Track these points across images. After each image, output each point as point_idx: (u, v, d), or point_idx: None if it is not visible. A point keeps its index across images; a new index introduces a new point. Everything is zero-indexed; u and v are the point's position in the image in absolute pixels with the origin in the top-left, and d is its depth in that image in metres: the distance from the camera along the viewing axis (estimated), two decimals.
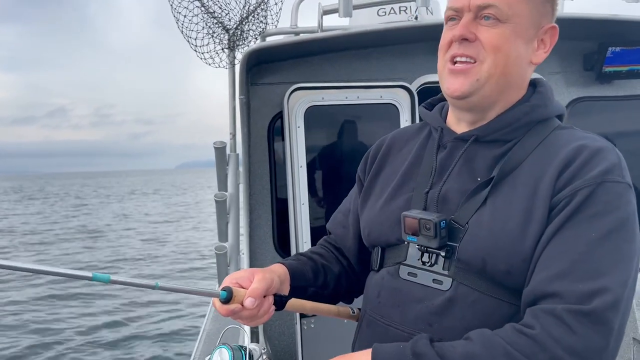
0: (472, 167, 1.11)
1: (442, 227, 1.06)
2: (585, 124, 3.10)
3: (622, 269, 0.93)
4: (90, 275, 1.02)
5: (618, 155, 1.04)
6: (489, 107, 1.13)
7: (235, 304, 1.11)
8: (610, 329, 0.89)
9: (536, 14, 1.11)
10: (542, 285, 0.94)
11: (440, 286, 1.08)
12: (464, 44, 1.09)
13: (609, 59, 2.89)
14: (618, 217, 0.96)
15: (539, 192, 1.01)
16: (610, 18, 2.66)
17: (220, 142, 2.91)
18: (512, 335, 0.91)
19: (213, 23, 2.78)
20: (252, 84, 2.93)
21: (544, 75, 3.00)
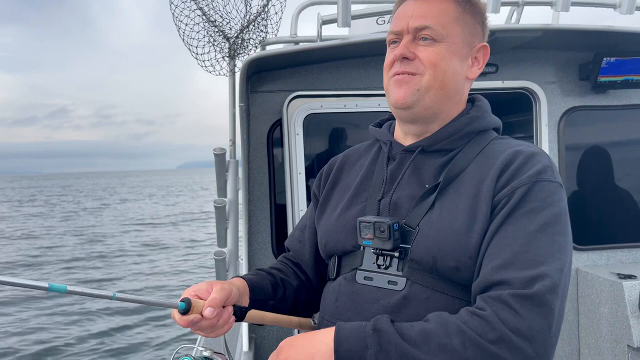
0: (419, 175, 1.21)
1: (395, 229, 1.15)
2: (581, 133, 3.15)
3: (558, 258, 1.03)
4: (46, 286, 1.01)
5: (549, 159, 1.16)
6: (431, 118, 1.23)
7: (194, 314, 1.14)
8: (551, 310, 0.98)
9: (468, 34, 1.23)
10: (490, 275, 1.03)
11: (395, 287, 1.15)
12: (404, 62, 1.20)
13: (604, 69, 2.93)
14: (552, 212, 1.07)
15: (482, 194, 1.11)
16: (605, 29, 2.71)
17: (220, 149, 2.94)
18: (466, 316, 1.00)
19: (214, 32, 2.81)
20: (252, 92, 2.97)
21: (541, 84, 3.05)
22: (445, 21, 1.19)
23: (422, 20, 1.19)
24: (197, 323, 1.15)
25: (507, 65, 3.04)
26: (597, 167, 3.19)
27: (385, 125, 1.37)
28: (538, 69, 3.08)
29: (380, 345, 0.99)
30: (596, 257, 3.09)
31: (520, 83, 3.06)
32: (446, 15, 1.20)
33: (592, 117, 3.15)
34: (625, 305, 2.69)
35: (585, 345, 3.01)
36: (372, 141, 1.41)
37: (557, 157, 3.06)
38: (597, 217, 3.18)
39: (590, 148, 3.18)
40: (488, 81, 3.05)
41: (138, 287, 12.03)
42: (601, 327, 2.87)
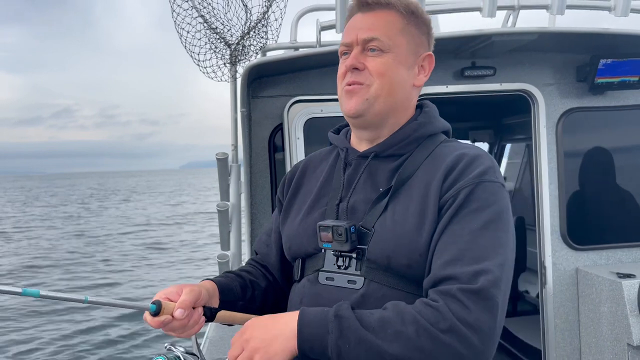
0: (374, 179, 1.29)
1: (352, 231, 1.22)
2: (579, 134, 3.18)
3: (500, 253, 1.11)
4: (20, 291, 1.04)
5: (492, 160, 1.23)
6: (381, 124, 1.31)
7: (165, 315, 1.19)
8: (495, 303, 1.06)
9: (413, 45, 1.31)
10: (439, 271, 1.11)
11: (354, 285, 1.22)
12: (355, 72, 1.28)
13: (600, 71, 2.96)
14: (494, 210, 1.14)
15: (430, 195, 1.19)
16: (600, 32, 2.74)
17: (223, 154, 2.99)
18: (421, 306, 1.07)
19: (215, 39, 2.87)
20: (253, 97, 3.01)
21: (539, 86, 3.08)
22: (391, 33, 1.27)
23: (369, 33, 1.26)
24: (168, 324, 1.20)
25: (504, 68, 3.08)
26: (596, 167, 3.22)
27: (342, 132, 1.45)
28: (535, 71, 3.11)
29: (340, 331, 1.05)
30: (596, 257, 3.12)
31: (518, 85, 3.10)
32: (392, 27, 1.27)
33: (590, 118, 3.18)
34: (624, 304, 2.71)
35: (586, 344, 3.03)
36: (332, 147, 1.49)
37: (556, 158, 3.08)
38: (596, 217, 3.21)
39: (589, 149, 3.21)
40: (486, 84, 3.08)
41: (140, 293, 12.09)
42: (601, 326, 2.89)
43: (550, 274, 3.06)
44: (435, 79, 3.07)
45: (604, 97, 3.11)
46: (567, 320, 3.07)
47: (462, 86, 3.08)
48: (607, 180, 3.24)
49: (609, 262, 3.12)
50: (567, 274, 3.07)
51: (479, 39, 2.81)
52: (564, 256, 3.08)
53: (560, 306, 3.07)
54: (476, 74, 3.05)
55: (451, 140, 1.35)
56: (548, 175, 3.06)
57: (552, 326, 3.07)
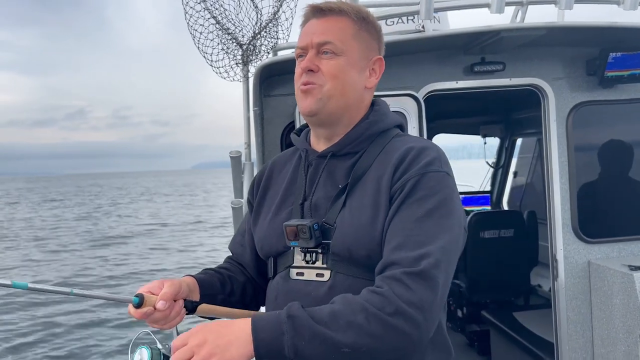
0: (333, 177, 1.38)
1: (315, 229, 1.30)
2: (589, 128, 3.19)
3: (441, 238, 1.19)
4: (9, 283, 1.12)
5: (438, 151, 1.31)
6: (335, 123, 1.39)
7: (148, 307, 1.26)
8: (436, 283, 1.14)
9: (365, 49, 1.39)
10: (386, 257, 1.19)
11: (322, 278, 1.31)
12: (309, 73, 1.35)
13: (610, 64, 2.97)
14: (438, 198, 1.23)
15: (382, 188, 1.28)
16: (608, 25, 2.75)
17: (236, 152, 3.05)
18: (367, 294, 1.15)
19: (227, 39, 2.92)
20: (265, 96, 3.06)
21: (549, 81, 3.10)
22: (344, 37, 1.35)
23: (323, 37, 1.34)
24: (150, 315, 1.27)
25: (514, 63, 3.09)
26: (607, 160, 3.23)
27: (303, 133, 1.52)
28: (545, 66, 3.12)
29: (295, 330, 1.10)
30: (608, 249, 3.13)
31: (527, 80, 3.11)
32: (345, 32, 1.35)
33: (600, 111, 3.18)
34: (636, 296, 2.72)
35: (599, 337, 3.05)
36: (294, 148, 1.57)
37: (567, 152, 3.10)
38: (608, 210, 3.22)
39: (599, 142, 3.21)
40: (496, 79, 3.10)
41: None
42: (614, 319, 2.91)
43: (562, 267, 3.08)
44: (445, 75, 3.10)
45: (614, 91, 3.12)
46: (579, 313, 3.09)
47: (472, 82, 3.11)
48: (618, 173, 3.25)
49: (620, 254, 3.13)
50: (579, 267, 3.09)
51: (487, 35, 2.83)
52: (576, 249, 3.09)
53: (573, 299, 3.09)
54: (486, 69, 3.07)
55: (403, 134, 1.43)
56: (559, 168, 3.08)
57: (564, 319, 3.09)
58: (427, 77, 3.09)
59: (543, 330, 3.83)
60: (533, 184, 5.55)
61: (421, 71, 3.10)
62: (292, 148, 1.59)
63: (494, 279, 4.53)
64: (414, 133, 3.01)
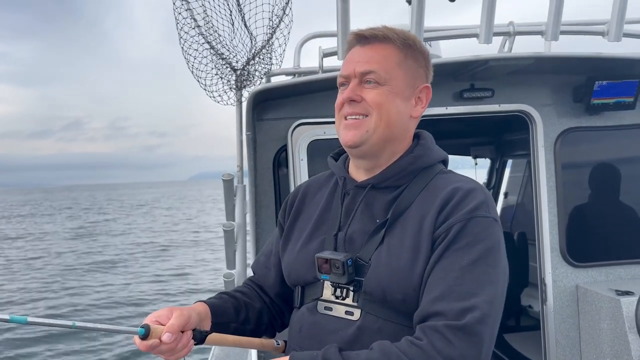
0: (371, 210, 1.32)
1: (348, 264, 1.24)
2: (576, 153, 3.24)
3: (488, 290, 1.13)
4: (7, 318, 1.07)
5: (485, 194, 1.25)
6: (379, 154, 1.34)
7: (153, 339, 1.21)
8: (480, 339, 1.08)
9: (410, 77, 1.34)
10: (427, 307, 1.13)
11: (352, 317, 1.26)
12: (352, 104, 1.32)
13: (596, 92, 3.04)
14: (485, 246, 1.16)
15: (424, 230, 1.21)
16: (594, 56, 2.82)
17: (228, 175, 3.08)
18: (405, 345, 1.10)
19: (221, 64, 2.96)
20: (258, 120, 3.10)
21: (537, 107, 3.16)
22: (388, 66, 1.31)
23: (367, 66, 1.30)
24: (156, 347, 1.23)
25: (503, 89, 3.15)
26: (594, 185, 3.28)
27: (341, 159, 1.47)
28: (533, 92, 3.18)
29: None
30: (595, 273, 3.16)
31: (516, 106, 3.17)
32: (389, 60, 1.31)
33: (587, 137, 3.24)
34: (623, 321, 2.75)
35: None
36: (330, 172, 1.52)
37: (555, 177, 3.14)
38: (595, 234, 3.25)
39: (587, 167, 3.27)
40: (485, 105, 3.16)
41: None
42: (601, 343, 2.93)
43: (551, 291, 3.11)
44: (435, 101, 3.15)
45: (601, 117, 3.18)
46: (568, 336, 3.11)
47: (461, 107, 3.16)
48: (605, 197, 3.30)
49: (608, 278, 3.16)
50: (567, 291, 3.12)
51: (476, 64, 2.89)
52: (564, 273, 3.13)
53: (561, 323, 3.11)
54: (475, 96, 3.12)
55: (447, 171, 1.38)
56: (547, 193, 3.12)
57: (553, 342, 3.11)
58: None
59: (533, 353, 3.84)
60: (523, 204, 5.60)
61: None
62: (328, 172, 1.53)
63: None
64: None
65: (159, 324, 1.24)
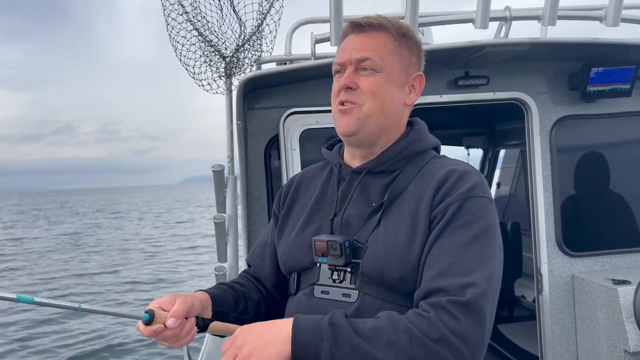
0: (367, 194, 1.33)
1: (346, 246, 1.26)
2: (572, 141, 3.21)
3: (487, 267, 1.15)
4: (14, 297, 1.07)
5: (480, 176, 1.28)
6: (374, 142, 1.35)
7: (158, 324, 1.21)
8: (483, 314, 1.10)
9: (405, 65, 1.36)
10: (428, 284, 1.15)
11: (349, 299, 1.26)
12: (348, 91, 1.32)
13: (592, 79, 3.00)
14: (482, 225, 1.19)
15: (420, 210, 1.23)
16: (591, 42, 2.77)
17: (219, 166, 3.00)
18: (413, 316, 1.11)
19: (210, 51, 2.88)
20: (249, 109, 3.02)
21: (532, 95, 3.11)
22: (384, 53, 1.32)
23: (363, 53, 1.31)
24: (160, 333, 1.22)
25: (498, 77, 3.10)
26: (590, 174, 3.25)
27: (335, 148, 1.49)
28: (529, 80, 3.14)
29: (334, 338, 1.08)
30: (591, 263, 3.14)
31: (511, 94, 3.12)
32: (384, 48, 1.32)
33: (583, 125, 3.21)
34: (620, 310, 2.73)
35: (583, 351, 3.05)
36: (325, 162, 1.53)
37: (550, 166, 3.11)
38: (591, 223, 3.23)
39: (582, 155, 3.23)
40: (479, 93, 3.11)
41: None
42: (598, 333, 2.91)
43: (547, 281, 3.08)
44: (429, 89, 3.10)
45: (597, 105, 3.14)
46: (563, 326, 3.09)
47: (455, 95, 3.11)
48: (601, 186, 3.27)
49: (604, 268, 3.14)
50: (563, 281, 3.09)
51: (471, 50, 2.84)
52: (560, 263, 3.10)
53: (557, 313, 3.09)
54: (469, 84, 3.07)
55: (441, 156, 1.41)
56: (542, 182, 3.09)
57: (549, 333, 3.09)
58: None
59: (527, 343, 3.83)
60: (516, 195, 5.59)
61: None
62: (322, 162, 1.55)
63: None
64: None
65: (162, 310, 1.24)
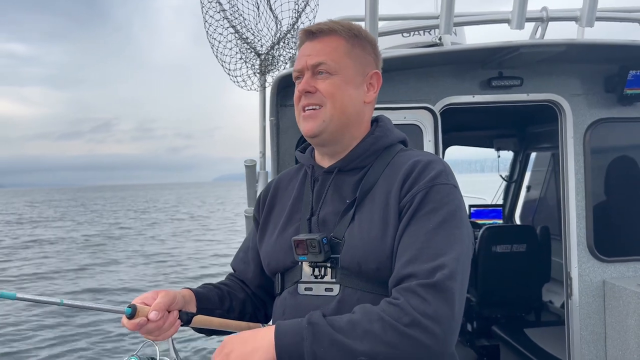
0: (340, 192, 1.40)
1: (324, 243, 1.31)
2: (607, 145, 3.16)
3: (454, 249, 1.20)
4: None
5: (444, 164, 1.33)
6: (338, 140, 1.41)
7: (141, 317, 1.25)
8: (452, 295, 1.15)
9: (359, 65, 1.41)
10: (400, 270, 1.21)
11: (331, 293, 1.32)
12: (307, 95, 1.38)
13: (630, 82, 2.95)
14: (447, 210, 1.25)
15: (390, 202, 1.30)
16: (629, 43, 2.73)
17: (251, 161, 3.06)
18: (384, 305, 1.17)
19: (246, 48, 2.94)
20: (282, 106, 3.07)
21: (567, 97, 3.08)
22: (337, 56, 1.38)
23: (317, 58, 1.37)
24: (143, 326, 1.27)
25: (531, 78, 3.08)
26: (624, 178, 3.19)
27: (308, 150, 1.55)
28: (563, 82, 3.10)
29: (314, 336, 1.13)
30: (623, 268, 3.09)
31: (545, 96, 3.09)
32: (337, 51, 1.38)
33: (618, 129, 3.15)
34: None
35: (612, 357, 3.00)
36: (299, 165, 1.59)
37: (583, 169, 3.07)
38: (623, 228, 3.18)
39: (617, 159, 3.18)
40: (513, 94, 3.09)
41: None
42: (628, 339, 2.87)
43: (577, 286, 3.05)
44: (462, 89, 3.10)
45: (633, 108, 3.09)
46: (593, 332, 3.05)
47: (488, 96, 3.10)
48: (634, 191, 3.22)
49: (637, 274, 3.09)
50: (593, 286, 3.05)
51: (506, 50, 2.83)
52: (591, 268, 3.06)
53: (586, 318, 3.05)
54: (503, 84, 3.06)
55: (407, 149, 1.46)
56: (575, 186, 3.05)
57: (577, 338, 3.05)
58: (444, 90, 3.09)
59: (554, 348, 3.78)
60: (546, 198, 5.50)
61: (438, 84, 3.10)
62: (297, 165, 1.61)
63: (505, 294, 4.48)
64: (429, 146, 3.01)
65: (144, 305, 1.29)
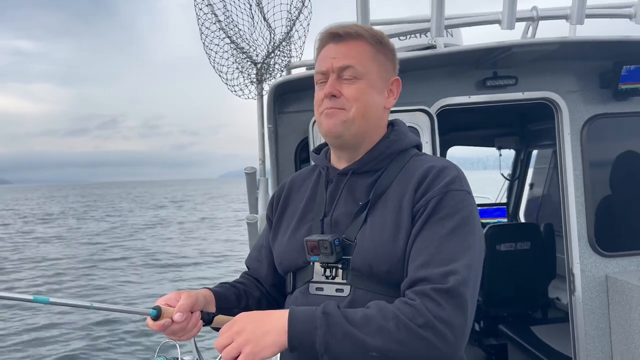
0: (353, 194, 1.41)
1: (336, 244, 1.33)
2: (604, 140, 3.17)
3: (467, 255, 1.22)
4: (31, 298, 1.14)
5: (458, 170, 1.35)
6: (358, 144, 1.43)
7: (165, 319, 1.28)
8: (464, 300, 1.17)
9: (383, 71, 1.43)
10: (413, 274, 1.23)
11: (342, 293, 1.34)
12: (332, 99, 1.38)
13: (624, 77, 2.96)
14: (461, 216, 1.26)
15: (403, 206, 1.31)
16: (621, 39, 2.74)
17: (251, 168, 3.10)
18: (400, 304, 1.19)
19: (242, 58, 2.99)
20: (280, 113, 3.11)
21: (562, 94, 3.10)
22: (364, 61, 1.38)
23: (344, 61, 1.37)
24: (168, 327, 1.29)
25: (526, 76, 3.10)
26: (622, 172, 3.20)
27: (322, 152, 1.56)
28: (558, 79, 3.12)
29: (328, 327, 1.14)
30: (626, 263, 3.09)
31: (540, 94, 3.11)
32: (364, 55, 1.39)
33: (615, 124, 3.16)
34: None
35: (618, 352, 3.00)
36: (313, 166, 1.61)
37: (581, 165, 3.08)
38: (624, 223, 3.18)
39: (614, 154, 3.19)
40: (508, 93, 3.11)
41: None
42: (633, 334, 2.87)
43: (579, 281, 3.05)
44: (458, 90, 3.12)
45: (629, 103, 3.10)
46: (597, 327, 3.05)
47: (484, 96, 3.12)
48: (634, 185, 3.22)
49: (639, 268, 3.09)
50: (596, 281, 3.06)
51: (499, 51, 2.85)
52: (593, 263, 3.06)
53: (591, 313, 3.05)
54: (498, 84, 3.08)
55: (421, 153, 1.48)
56: (574, 182, 3.06)
57: (582, 333, 3.05)
58: (440, 92, 3.11)
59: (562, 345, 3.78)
60: (550, 195, 5.50)
61: (433, 86, 3.12)
62: (311, 166, 1.62)
63: (511, 292, 4.48)
64: (426, 148, 3.03)
65: (168, 306, 1.31)
